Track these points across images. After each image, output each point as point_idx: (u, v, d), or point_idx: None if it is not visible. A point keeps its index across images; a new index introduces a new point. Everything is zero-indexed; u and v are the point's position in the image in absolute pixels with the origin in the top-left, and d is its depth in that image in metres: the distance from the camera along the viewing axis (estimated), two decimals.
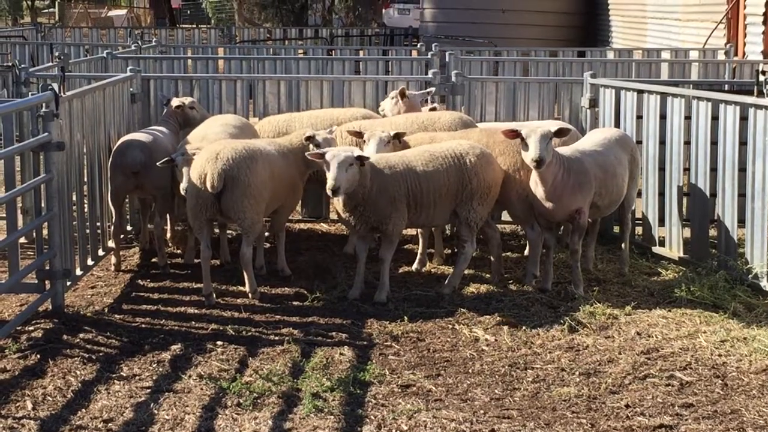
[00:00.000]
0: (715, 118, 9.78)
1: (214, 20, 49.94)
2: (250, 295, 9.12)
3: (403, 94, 11.09)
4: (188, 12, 60.62)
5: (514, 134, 8.95)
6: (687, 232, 10.16)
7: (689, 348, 7.97)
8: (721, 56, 18.94)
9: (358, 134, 9.67)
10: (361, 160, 8.73)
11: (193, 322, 8.57)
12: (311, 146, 9.47)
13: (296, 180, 9.76)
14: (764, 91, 10.68)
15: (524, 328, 8.41)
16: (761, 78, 10.90)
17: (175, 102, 10.95)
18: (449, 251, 10.65)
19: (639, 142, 10.68)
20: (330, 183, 8.62)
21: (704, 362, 7.68)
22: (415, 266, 10.11)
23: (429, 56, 16.09)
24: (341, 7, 50.30)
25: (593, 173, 9.20)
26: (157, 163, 9.41)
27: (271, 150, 9.46)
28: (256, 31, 35.16)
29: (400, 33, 34.43)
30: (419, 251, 10.20)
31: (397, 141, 9.59)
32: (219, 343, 8.03)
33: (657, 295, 9.29)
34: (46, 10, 64.79)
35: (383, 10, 43.94)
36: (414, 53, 20.39)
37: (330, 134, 9.65)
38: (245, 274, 9.08)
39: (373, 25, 45.46)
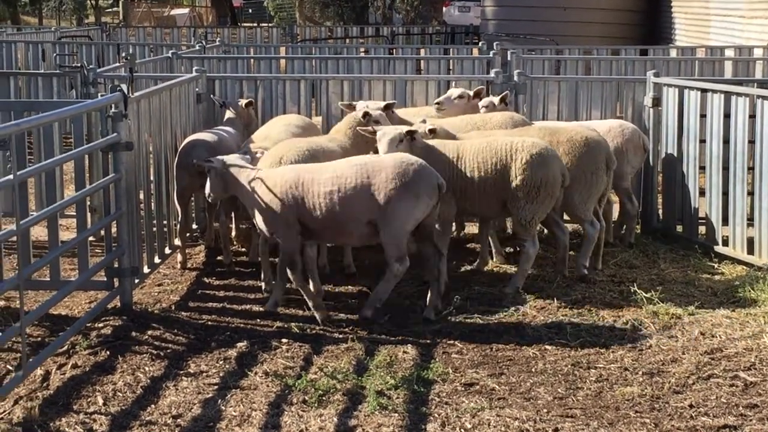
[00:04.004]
0: None
1: (276, 19, 50.20)
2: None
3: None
4: (249, 10, 60.98)
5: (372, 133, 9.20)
6: (751, 232, 10.10)
7: (753, 348, 7.93)
8: None
9: (372, 133, 9.47)
10: (411, 134, 9.03)
11: (258, 320, 8.68)
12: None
13: None
14: None
15: (587, 327, 8.43)
16: None
17: (242, 101, 11.15)
18: (512, 250, 10.67)
19: (703, 141, 10.66)
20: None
21: None
22: (476, 265, 10.16)
23: (491, 55, 16.12)
24: (402, 6, 50.35)
25: None
26: (194, 162, 9.43)
27: (333, 147, 9.55)
28: (317, 29, 35.37)
29: (460, 31, 34.43)
30: (480, 249, 10.25)
31: (410, 138, 9.43)
32: (284, 340, 8.14)
33: (720, 295, 9.26)
34: (110, 9, 65.54)
35: (444, 8, 43.99)
36: (475, 51, 20.43)
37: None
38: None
39: (434, 23, 45.47)
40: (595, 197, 9.85)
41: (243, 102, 11.18)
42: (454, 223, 10.39)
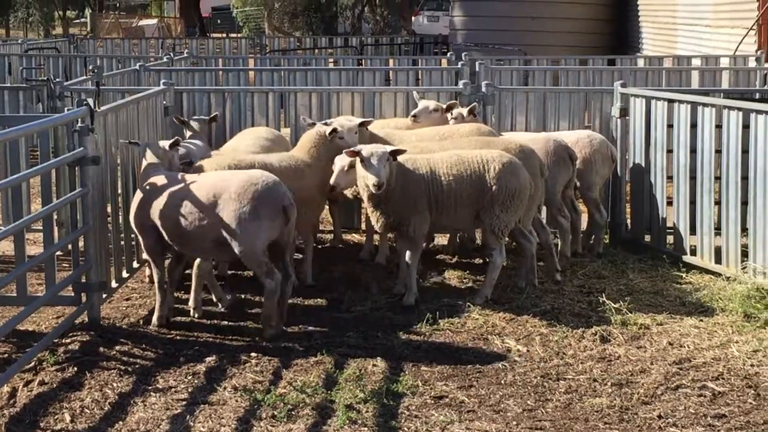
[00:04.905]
0: (746, 126, 9.78)
1: (245, 29, 50.15)
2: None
3: (450, 109, 11.13)
4: (218, 21, 60.91)
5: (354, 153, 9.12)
6: (718, 241, 10.15)
7: (721, 358, 7.97)
8: (752, 63, 18.90)
9: (355, 153, 9.19)
10: (393, 155, 9.04)
11: (227, 334, 8.65)
12: (336, 139, 9.77)
13: (311, 193, 9.68)
14: None
15: (556, 338, 8.44)
16: None
17: (204, 118, 11.18)
18: (480, 261, 10.69)
19: (670, 151, 10.71)
20: (373, 179, 8.90)
21: (736, 372, 7.69)
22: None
23: (459, 66, 16.15)
24: (371, 16, 50.44)
25: None
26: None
27: (276, 164, 9.50)
28: (286, 40, 35.37)
29: (429, 41, 34.53)
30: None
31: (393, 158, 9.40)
32: (253, 354, 8.11)
33: (688, 304, 9.30)
34: (78, 20, 65.32)
35: (413, 18, 44.05)
36: (444, 62, 20.47)
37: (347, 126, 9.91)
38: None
39: (403, 33, 45.55)
40: (534, 207, 9.90)
41: (197, 120, 11.17)
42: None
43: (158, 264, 8.91)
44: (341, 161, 9.36)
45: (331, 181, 9.39)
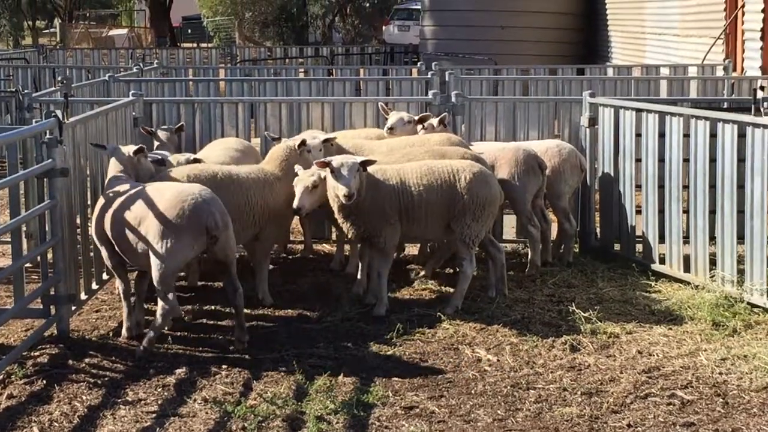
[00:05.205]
0: (713, 135, 9.85)
1: (216, 39, 50.09)
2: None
3: (422, 121, 11.13)
4: (189, 31, 60.80)
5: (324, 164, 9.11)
6: (687, 249, 10.21)
7: (690, 366, 8.02)
8: (719, 72, 19.04)
9: (325, 164, 9.20)
10: (363, 165, 9.05)
11: (198, 346, 8.63)
12: (305, 153, 9.78)
13: (281, 205, 9.59)
14: (761, 109, 10.78)
15: (526, 347, 8.47)
16: (758, 96, 10.98)
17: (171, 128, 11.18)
18: (451, 271, 10.71)
19: (638, 160, 10.76)
20: (344, 190, 8.91)
21: (705, 380, 7.74)
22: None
23: (429, 76, 16.18)
24: (342, 25, 50.48)
25: None
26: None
27: (244, 176, 9.48)
28: (257, 49, 35.34)
29: (400, 50, 34.59)
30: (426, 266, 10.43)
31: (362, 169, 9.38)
32: (223, 366, 8.09)
33: (658, 313, 9.35)
34: (47, 30, 65.03)
35: (383, 27, 44.11)
36: (414, 72, 20.50)
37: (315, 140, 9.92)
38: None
39: (374, 43, 45.61)
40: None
41: (164, 130, 11.16)
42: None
43: (120, 275, 8.88)
44: (303, 182, 9.26)
45: (294, 204, 9.27)
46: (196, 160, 9.97)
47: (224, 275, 8.59)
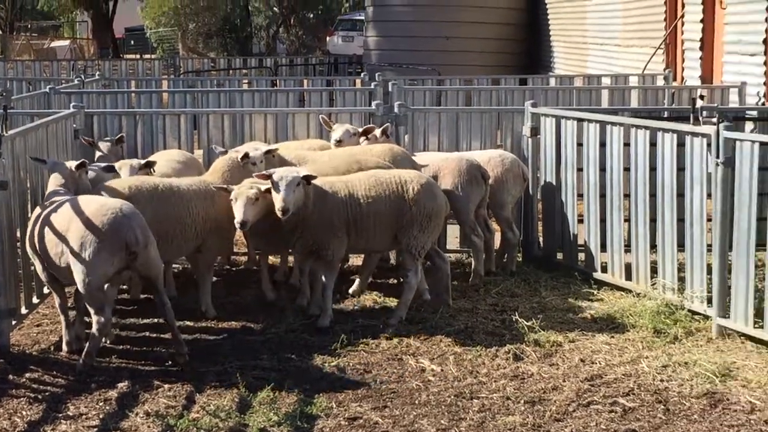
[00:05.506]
0: (653, 144, 9.95)
1: (159, 50, 49.83)
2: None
3: (366, 133, 11.13)
4: (132, 42, 60.45)
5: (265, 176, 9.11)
6: (628, 258, 10.29)
7: (632, 374, 8.08)
8: (660, 81, 19.24)
9: (267, 177, 9.17)
10: (307, 179, 8.97)
11: (140, 359, 8.56)
12: (249, 165, 9.77)
13: (224, 217, 9.44)
14: (700, 118, 10.90)
15: (470, 357, 8.49)
16: (697, 105, 11.11)
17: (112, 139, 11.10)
18: (395, 281, 10.72)
19: (580, 169, 10.84)
20: (279, 204, 8.85)
21: (647, 388, 7.80)
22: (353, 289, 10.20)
23: (372, 86, 16.21)
24: (286, 36, 50.42)
25: None
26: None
27: (185, 188, 9.43)
28: (200, 61, 35.22)
29: (344, 61, 34.61)
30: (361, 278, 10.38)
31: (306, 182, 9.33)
32: (166, 379, 8.03)
33: (600, 321, 9.41)
34: None
35: (327, 38, 44.11)
36: (358, 82, 20.53)
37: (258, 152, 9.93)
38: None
39: (318, 53, 45.60)
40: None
41: (105, 141, 11.07)
42: None
43: (56, 289, 8.80)
44: (244, 195, 9.07)
45: (238, 218, 9.04)
46: (148, 164, 9.92)
47: (152, 290, 8.54)
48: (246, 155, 9.84)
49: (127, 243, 8.07)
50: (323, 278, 9.43)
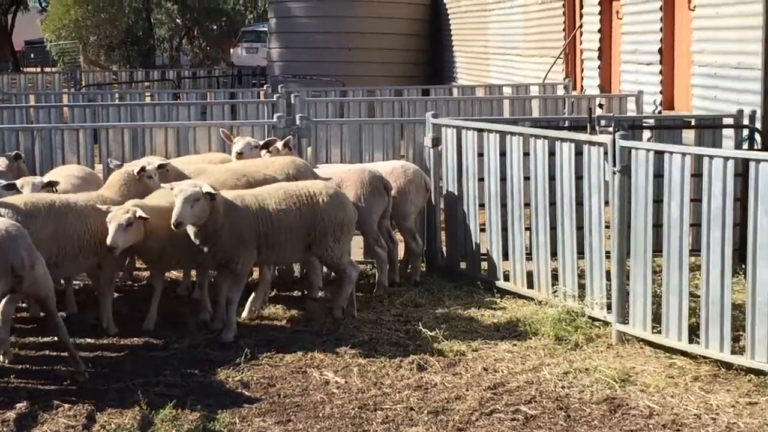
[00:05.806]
0: (552, 154, 10.07)
1: (60, 63, 49.15)
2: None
3: (268, 146, 11.10)
4: (32, 55, 59.57)
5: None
6: (530, 266, 10.40)
7: (534, 381, 8.16)
8: (560, 91, 19.51)
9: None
10: (210, 195, 8.91)
11: (40, 378, 8.42)
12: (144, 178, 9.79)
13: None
14: (597, 127, 11.07)
15: (374, 368, 8.51)
16: (593, 114, 11.28)
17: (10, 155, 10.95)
18: (299, 293, 10.71)
19: (481, 179, 10.92)
20: (173, 217, 8.82)
21: (548, 395, 7.88)
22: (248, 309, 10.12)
23: (275, 99, 16.18)
24: (190, 48, 50.09)
25: None
26: None
27: (82, 204, 9.30)
28: (102, 74, 34.83)
29: (248, 73, 34.49)
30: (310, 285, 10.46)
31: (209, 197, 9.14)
32: (66, 398, 7.90)
33: (503, 329, 9.49)
34: None
35: (231, 50, 43.90)
36: (261, 94, 20.48)
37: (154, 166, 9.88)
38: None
39: (222, 65, 45.38)
40: None
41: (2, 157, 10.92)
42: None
43: None
44: (116, 220, 8.94)
45: (108, 241, 8.90)
46: (50, 183, 9.78)
47: (42, 310, 8.42)
48: (143, 168, 9.79)
49: (12, 266, 7.87)
50: (228, 292, 9.38)
